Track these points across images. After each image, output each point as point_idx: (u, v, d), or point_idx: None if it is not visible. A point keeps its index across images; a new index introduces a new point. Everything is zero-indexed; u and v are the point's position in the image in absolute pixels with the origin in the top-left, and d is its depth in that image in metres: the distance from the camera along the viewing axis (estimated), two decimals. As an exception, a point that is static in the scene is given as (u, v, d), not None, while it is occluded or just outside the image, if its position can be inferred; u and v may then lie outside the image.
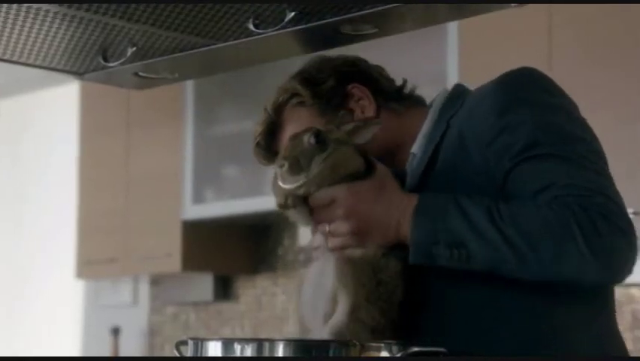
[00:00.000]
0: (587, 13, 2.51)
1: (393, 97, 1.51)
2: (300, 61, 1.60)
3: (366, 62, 1.54)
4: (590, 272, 1.23)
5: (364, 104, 1.48)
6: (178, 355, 1.42)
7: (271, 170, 3.74)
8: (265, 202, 3.29)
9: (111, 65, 1.71)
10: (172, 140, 3.54)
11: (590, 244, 1.22)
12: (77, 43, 1.64)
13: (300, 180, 1.35)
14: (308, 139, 1.35)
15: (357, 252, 1.35)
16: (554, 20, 2.59)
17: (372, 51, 2.95)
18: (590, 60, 2.54)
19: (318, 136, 1.34)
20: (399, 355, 1.29)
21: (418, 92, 2.49)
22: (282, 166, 1.36)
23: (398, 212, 1.31)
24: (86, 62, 1.74)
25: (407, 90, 1.53)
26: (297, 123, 1.46)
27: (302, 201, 1.38)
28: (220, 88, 3.46)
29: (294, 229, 3.52)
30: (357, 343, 1.31)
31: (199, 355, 1.35)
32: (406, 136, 1.46)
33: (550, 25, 2.60)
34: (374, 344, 1.33)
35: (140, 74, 1.82)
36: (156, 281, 3.94)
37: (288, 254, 3.61)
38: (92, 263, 3.77)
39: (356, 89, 1.49)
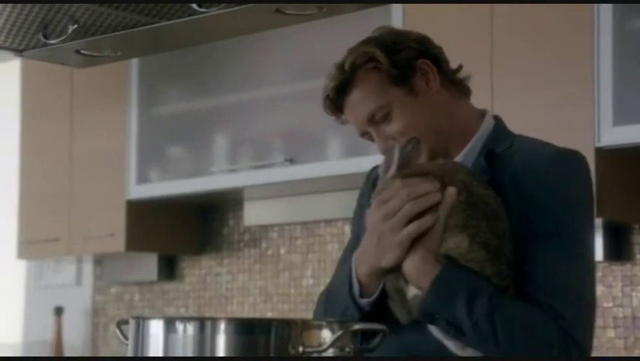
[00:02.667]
0: (527, 4, 2.55)
1: (451, 79, 1.61)
2: (239, 40, 1.60)
3: (432, 41, 1.63)
4: None
5: (428, 78, 1.58)
6: (120, 334, 1.42)
7: (215, 150, 3.71)
8: (210, 182, 3.29)
9: (52, 42, 1.69)
10: (116, 119, 3.51)
11: None
12: (17, 19, 1.63)
13: None
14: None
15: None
16: (496, 7, 2.62)
17: (317, 32, 2.97)
18: (530, 45, 2.57)
19: None
20: (340, 332, 1.31)
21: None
22: None
23: (424, 272, 1.46)
24: (25, 39, 1.72)
25: (461, 76, 1.63)
26: (367, 86, 1.57)
27: None
28: (164, 68, 3.44)
29: (239, 209, 3.52)
30: (299, 321, 1.33)
31: (141, 334, 1.36)
32: (455, 128, 1.59)
33: (492, 12, 2.63)
34: (315, 322, 1.35)
35: (82, 51, 1.81)
36: (100, 261, 3.91)
37: (232, 234, 3.62)
38: (34, 243, 3.73)
39: (425, 65, 1.58)
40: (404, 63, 1.56)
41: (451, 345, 1.47)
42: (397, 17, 2.75)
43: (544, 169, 1.51)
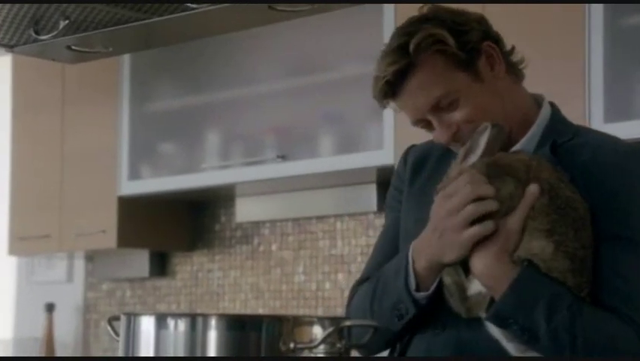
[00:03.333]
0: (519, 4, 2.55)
1: (510, 63, 1.52)
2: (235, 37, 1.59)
3: (488, 21, 1.52)
4: None
5: (494, 62, 1.48)
6: (111, 330, 1.42)
7: (206, 146, 3.69)
8: (201, 179, 3.29)
9: (43, 37, 1.69)
10: (107, 116, 3.51)
11: None
12: (7, 14, 1.62)
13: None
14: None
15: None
16: (488, 6, 2.61)
17: (309, 29, 2.97)
18: (521, 43, 2.57)
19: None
20: (331, 328, 1.32)
21: (354, 68, 2.50)
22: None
23: (498, 272, 1.38)
24: (17, 35, 1.72)
25: (515, 58, 1.54)
26: (431, 70, 1.45)
27: None
28: (156, 64, 3.43)
29: (231, 205, 3.52)
30: (291, 317, 1.33)
31: (132, 330, 1.35)
32: (518, 115, 1.49)
33: (483, 10, 2.62)
34: (307, 319, 1.35)
35: (74, 47, 1.81)
36: (91, 258, 3.90)
37: (224, 231, 3.61)
38: (25, 239, 3.72)
39: (489, 47, 1.48)
40: (472, 46, 1.45)
41: (511, 348, 1.40)
42: (389, 15, 2.75)
43: (621, 164, 1.42)
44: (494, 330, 1.40)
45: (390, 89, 1.47)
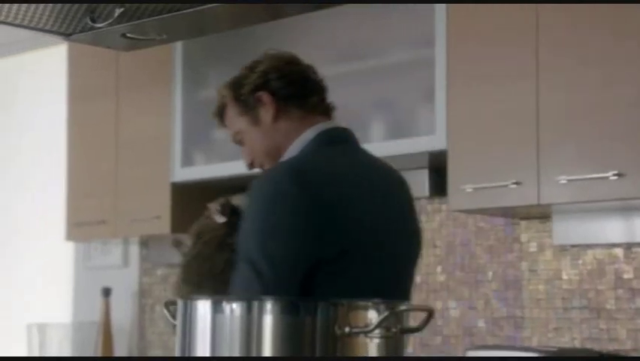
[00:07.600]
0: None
1: (295, 102, 1.79)
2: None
3: (292, 65, 1.84)
4: None
5: (265, 110, 1.78)
6: (168, 314, 1.44)
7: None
8: (254, 164, 3.29)
9: (98, 25, 1.71)
10: (161, 103, 3.54)
11: None
12: (64, 3, 1.64)
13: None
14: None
15: None
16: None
17: (360, 13, 2.95)
18: (577, 22, 2.53)
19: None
20: (386, 313, 1.32)
21: (405, 53, 2.44)
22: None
23: None
24: (73, 23, 1.74)
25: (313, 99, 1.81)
26: (228, 118, 1.86)
27: None
28: (209, 51, 3.45)
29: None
30: (345, 302, 1.33)
31: (188, 314, 1.37)
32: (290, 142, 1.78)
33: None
34: (361, 303, 1.35)
35: (128, 35, 1.83)
36: (146, 243, 3.95)
37: (277, 216, 3.62)
38: (82, 225, 3.78)
39: (263, 96, 1.79)
40: (246, 97, 1.86)
41: None
42: (440, 14, 2.73)
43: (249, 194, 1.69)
44: None
45: (219, 120, 1.90)
